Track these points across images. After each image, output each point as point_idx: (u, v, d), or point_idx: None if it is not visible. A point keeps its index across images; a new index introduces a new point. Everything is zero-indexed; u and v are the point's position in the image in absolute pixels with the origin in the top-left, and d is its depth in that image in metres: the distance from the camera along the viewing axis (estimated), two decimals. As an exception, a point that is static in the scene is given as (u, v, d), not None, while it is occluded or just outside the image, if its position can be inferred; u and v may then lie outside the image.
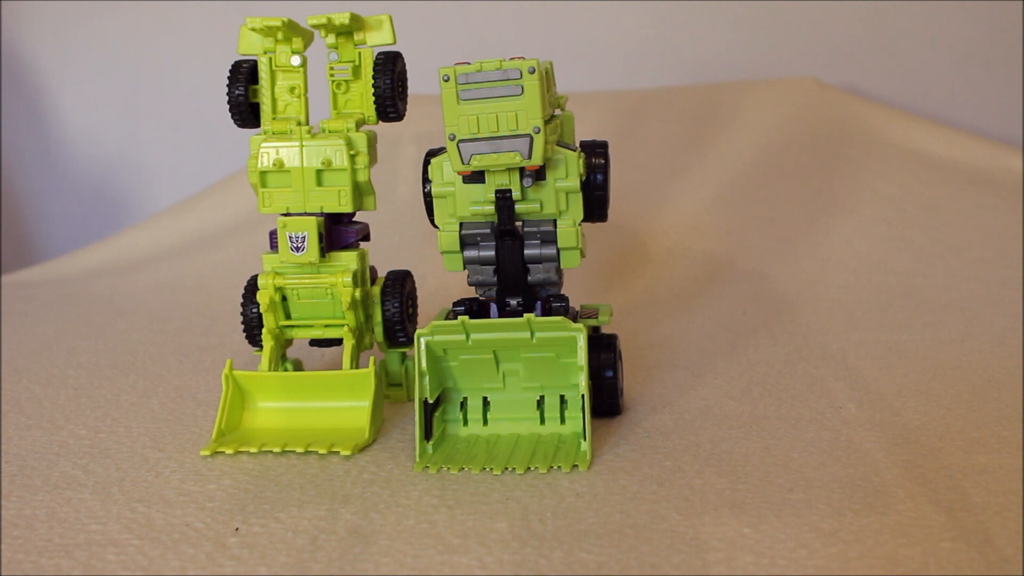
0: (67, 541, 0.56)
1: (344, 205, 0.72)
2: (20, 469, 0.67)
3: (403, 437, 0.71)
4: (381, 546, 0.54)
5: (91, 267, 1.37)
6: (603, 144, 0.71)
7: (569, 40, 1.51)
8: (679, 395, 0.77)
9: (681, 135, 1.40)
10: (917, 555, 0.51)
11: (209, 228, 1.40)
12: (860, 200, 1.28)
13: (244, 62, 0.75)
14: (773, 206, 1.29)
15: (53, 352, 0.97)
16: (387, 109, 0.74)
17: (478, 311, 0.71)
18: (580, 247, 0.69)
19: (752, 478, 0.61)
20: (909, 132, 1.39)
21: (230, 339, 1.00)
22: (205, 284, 1.24)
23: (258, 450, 0.68)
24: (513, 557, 0.53)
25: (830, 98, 1.44)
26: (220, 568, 0.53)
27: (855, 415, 0.71)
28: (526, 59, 0.64)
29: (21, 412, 0.79)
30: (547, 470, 0.63)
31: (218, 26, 1.54)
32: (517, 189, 0.67)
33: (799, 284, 1.10)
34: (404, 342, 0.77)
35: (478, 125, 0.64)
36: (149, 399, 0.81)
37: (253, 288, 0.77)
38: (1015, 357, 0.83)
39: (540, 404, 0.70)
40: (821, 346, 0.89)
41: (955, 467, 0.61)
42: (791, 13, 1.49)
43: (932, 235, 1.20)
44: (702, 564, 0.51)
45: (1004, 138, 1.46)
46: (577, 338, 0.66)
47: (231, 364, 0.72)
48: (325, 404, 0.73)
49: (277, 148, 0.72)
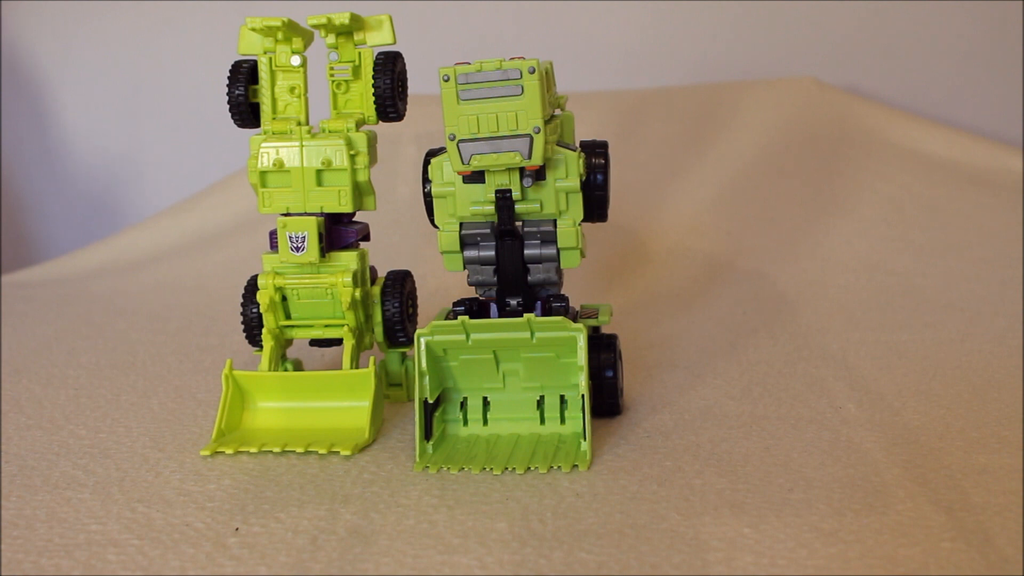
0: (67, 541, 0.56)
1: (344, 205, 0.72)
2: (20, 469, 0.67)
3: (403, 437, 0.71)
4: (381, 546, 0.54)
5: (91, 267, 1.37)
6: (603, 144, 0.71)
7: (569, 40, 1.51)
8: (679, 395, 0.77)
9: (681, 135, 1.40)
10: (917, 555, 0.51)
11: (209, 228, 1.40)
12: (860, 200, 1.28)
13: (244, 62, 0.75)
14: (773, 206, 1.29)
15: (53, 352, 0.97)
16: (387, 109, 0.74)
17: (478, 311, 0.71)
18: (580, 247, 0.69)
19: (752, 478, 0.61)
20: (909, 132, 1.39)
21: (230, 339, 1.00)
22: (205, 284, 1.24)
23: (258, 450, 0.68)
24: (513, 557, 0.53)
25: (830, 98, 1.44)
26: (220, 568, 0.53)
27: (855, 415, 0.71)
28: (526, 59, 0.64)
29: (21, 412, 0.79)
30: (547, 470, 0.63)
31: (218, 26, 1.54)
32: (517, 189, 0.67)
33: (799, 284, 1.10)
34: (404, 342, 0.77)
35: (478, 125, 0.64)
36: (149, 399, 0.81)
37: (253, 288, 0.77)
38: (1015, 357, 0.83)
39: (540, 404, 0.70)
40: (821, 346, 0.89)
41: (955, 467, 0.61)
42: (791, 13, 1.49)
43: (932, 235, 1.20)
44: (702, 564, 0.51)
45: (1004, 138, 1.46)
46: (577, 338, 0.66)
47: (231, 364, 0.72)
48: (325, 404, 0.73)
49: (277, 148, 0.72)
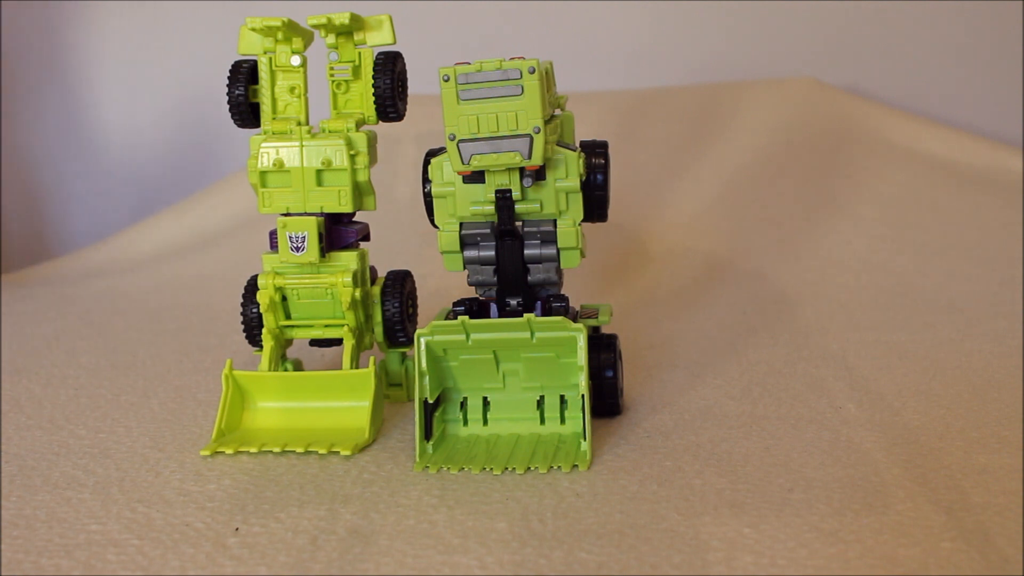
0: (67, 541, 0.56)
1: (344, 205, 0.72)
2: (20, 469, 0.67)
3: (403, 437, 0.71)
4: (381, 546, 0.54)
5: (91, 267, 1.37)
6: (603, 144, 0.71)
7: (569, 40, 1.51)
8: (679, 395, 0.77)
9: (681, 135, 1.40)
10: (917, 555, 0.51)
11: (209, 228, 1.40)
12: (860, 200, 1.28)
13: (244, 62, 0.75)
14: (773, 206, 1.29)
15: (53, 352, 0.97)
16: (387, 109, 0.74)
17: (478, 311, 0.71)
18: (580, 247, 0.69)
19: (752, 478, 0.61)
20: (909, 132, 1.39)
21: (230, 339, 1.00)
22: (205, 284, 1.24)
23: (258, 450, 0.68)
24: (513, 557, 0.53)
25: (830, 98, 1.44)
26: (220, 568, 0.53)
27: (855, 415, 0.71)
28: (526, 59, 0.64)
29: (21, 412, 0.79)
30: (547, 470, 0.63)
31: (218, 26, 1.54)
32: (517, 189, 0.67)
33: (799, 284, 1.10)
34: (404, 342, 0.77)
35: (478, 125, 0.64)
36: (149, 399, 0.81)
37: (253, 288, 0.77)
38: (1015, 357, 0.83)
39: (540, 404, 0.70)
40: (821, 346, 0.89)
41: (955, 467, 0.61)
42: (791, 13, 1.49)
43: (932, 235, 1.20)
44: (702, 564, 0.51)
45: (1004, 138, 1.46)
46: (577, 338, 0.66)
47: (231, 364, 0.72)
48: (325, 404, 0.73)
49: (277, 148, 0.72)
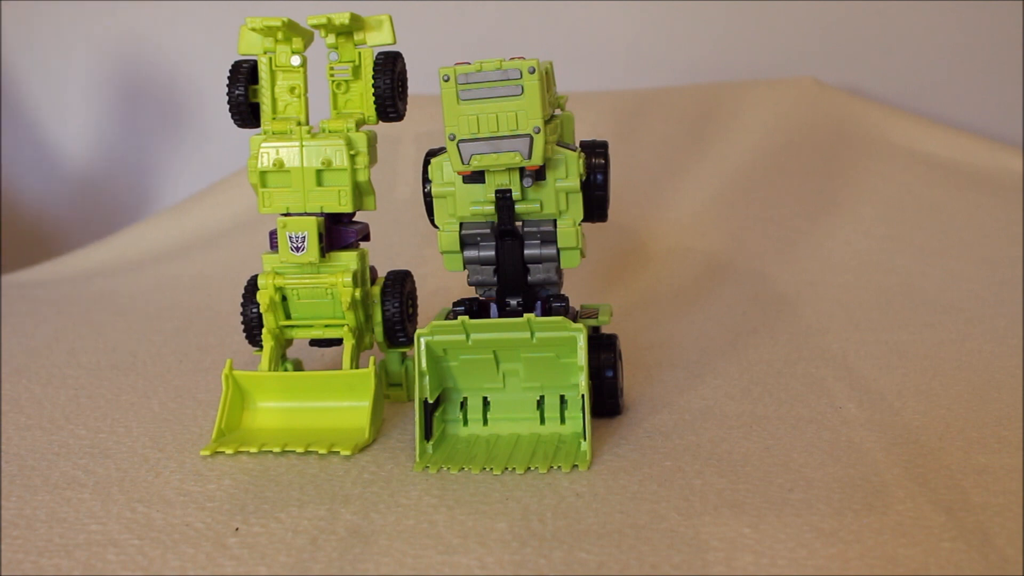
0: (67, 541, 0.56)
1: (344, 205, 0.72)
2: (20, 469, 0.67)
3: (403, 437, 0.71)
4: (381, 546, 0.54)
5: (91, 267, 1.37)
6: (603, 144, 0.71)
7: (569, 40, 1.51)
8: (679, 395, 0.77)
9: (681, 135, 1.40)
10: (917, 555, 0.51)
11: (209, 228, 1.40)
12: (860, 200, 1.28)
13: (244, 62, 0.75)
14: (773, 206, 1.29)
15: (53, 352, 0.97)
16: (387, 109, 0.74)
17: (478, 311, 0.71)
18: (580, 247, 0.69)
19: (752, 478, 0.61)
20: (909, 132, 1.39)
21: (230, 339, 1.00)
22: (205, 284, 1.24)
23: (258, 450, 0.68)
24: (513, 557, 0.53)
25: (830, 98, 1.43)
26: (220, 568, 0.53)
27: (855, 415, 0.71)
28: (526, 59, 0.64)
29: (21, 412, 0.79)
30: (547, 470, 0.63)
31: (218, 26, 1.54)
32: (517, 189, 0.67)
33: (799, 284, 1.10)
34: (404, 342, 0.77)
35: (478, 125, 0.64)
36: (149, 399, 0.81)
37: (253, 288, 0.77)
38: (1015, 357, 0.83)
39: (540, 404, 0.70)
40: (821, 346, 0.89)
41: (955, 467, 0.61)
42: (791, 13, 1.49)
43: (932, 235, 1.20)
44: (702, 564, 0.51)
45: (1004, 138, 1.46)
46: (577, 338, 0.66)
47: (231, 364, 0.72)
48: (325, 404, 0.73)
49: (277, 148, 0.72)
